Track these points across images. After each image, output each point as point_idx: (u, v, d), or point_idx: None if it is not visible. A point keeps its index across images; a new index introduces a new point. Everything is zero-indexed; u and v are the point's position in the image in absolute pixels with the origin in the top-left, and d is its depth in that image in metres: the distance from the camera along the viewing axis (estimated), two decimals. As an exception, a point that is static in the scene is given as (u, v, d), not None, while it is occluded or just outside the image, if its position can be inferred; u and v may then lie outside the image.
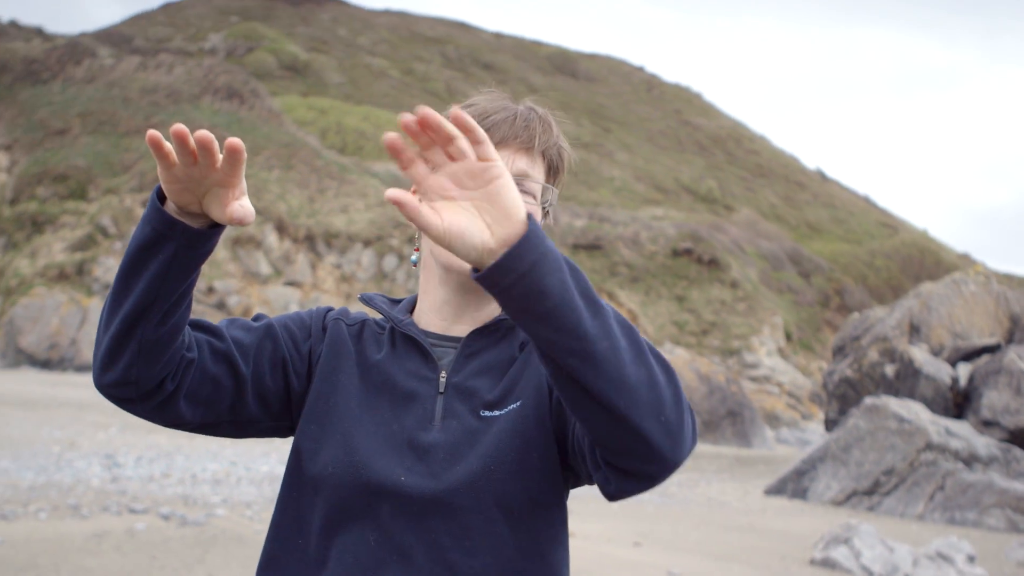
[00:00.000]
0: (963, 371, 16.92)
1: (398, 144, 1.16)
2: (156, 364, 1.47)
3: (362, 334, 1.70)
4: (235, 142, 1.31)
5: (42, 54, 48.22)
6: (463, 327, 1.67)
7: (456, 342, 1.66)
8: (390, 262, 38.69)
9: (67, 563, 6.43)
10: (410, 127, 1.17)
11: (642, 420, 1.26)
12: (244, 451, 14.87)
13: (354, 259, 39.32)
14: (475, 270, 1.22)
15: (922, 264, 59.21)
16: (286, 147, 44.88)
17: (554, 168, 1.69)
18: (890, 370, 17.76)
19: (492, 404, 1.60)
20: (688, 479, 16.56)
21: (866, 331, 19.34)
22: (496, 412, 1.59)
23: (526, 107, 1.68)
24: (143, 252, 1.41)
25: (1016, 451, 14.48)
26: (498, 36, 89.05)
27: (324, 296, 37.53)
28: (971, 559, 8.88)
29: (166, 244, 1.40)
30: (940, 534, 11.40)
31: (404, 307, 1.73)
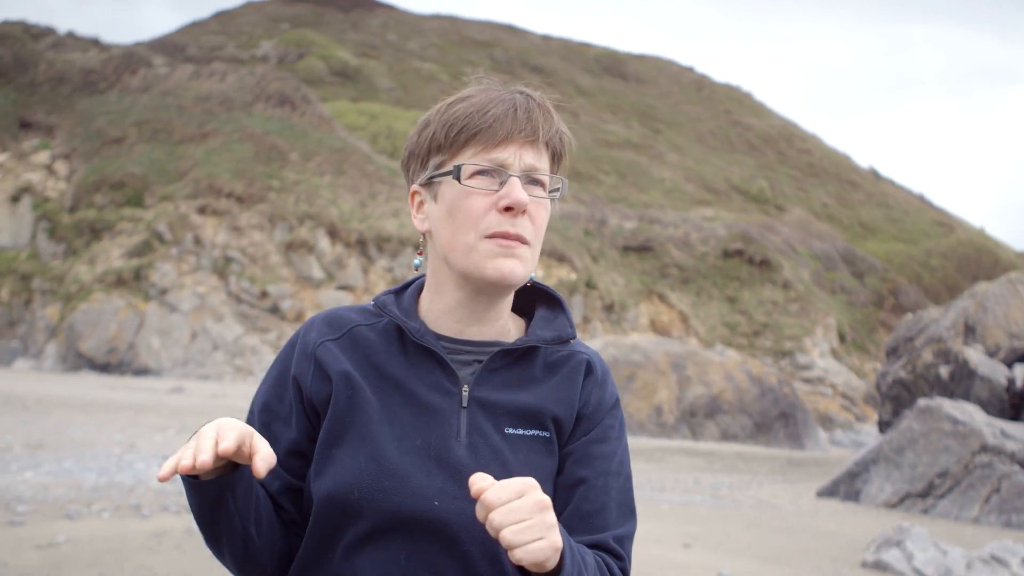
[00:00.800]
0: (1019, 372, 16.69)
1: None
2: (277, 549, 1.60)
3: (359, 342, 1.64)
4: (227, 450, 1.36)
5: (99, 64, 49.19)
6: (476, 329, 1.64)
7: (471, 346, 1.64)
8: (440, 265, 39.00)
9: (129, 561, 6.62)
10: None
11: None
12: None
13: (405, 263, 39.61)
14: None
15: (979, 263, 58.27)
16: (337, 152, 45.35)
17: (558, 156, 1.67)
18: (944, 371, 17.56)
19: (516, 422, 1.60)
20: (739, 481, 16.51)
21: (920, 332, 19.14)
22: (520, 431, 1.59)
23: (523, 95, 1.63)
24: (209, 517, 1.49)
25: (1074, 453, 14.26)
26: (546, 38, 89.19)
27: (375, 300, 37.83)
28: (1026, 562, 8.79)
29: (223, 501, 1.47)
30: (995, 537, 11.28)
31: (411, 303, 1.68)
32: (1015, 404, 16.20)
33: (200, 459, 1.34)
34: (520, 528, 1.35)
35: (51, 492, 9.65)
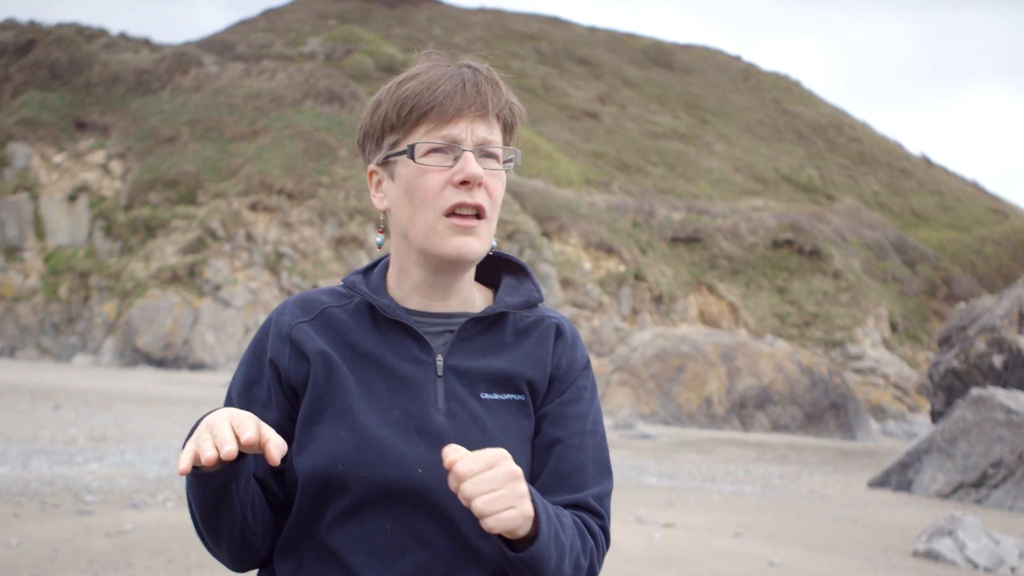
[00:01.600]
0: (1075, 361, 16.48)
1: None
2: (269, 533, 1.64)
3: (332, 323, 1.66)
4: (250, 440, 1.40)
5: (151, 64, 49.96)
6: (443, 302, 1.68)
7: (440, 318, 1.67)
8: (489, 259, 39.13)
9: (195, 548, 6.85)
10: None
11: None
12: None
13: (453, 256, 39.93)
14: (504, 540, 1.49)
15: (1034, 251, 57.28)
16: (385, 148, 45.59)
17: (509, 127, 1.69)
18: (998, 360, 17.40)
19: (491, 387, 1.64)
20: (790, 471, 16.50)
21: (973, 321, 18.96)
22: (496, 396, 1.63)
23: (471, 70, 1.65)
24: (212, 508, 1.53)
25: None
26: (592, 30, 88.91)
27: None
28: (1080, 551, 8.76)
29: (228, 492, 1.51)
30: (1050, 526, 11.21)
31: (379, 281, 1.71)
32: (1071, 393, 16.01)
33: (225, 449, 1.37)
34: (491, 498, 1.41)
35: (116, 483, 9.96)
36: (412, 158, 1.60)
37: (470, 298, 1.72)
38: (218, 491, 1.50)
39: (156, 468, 11.26)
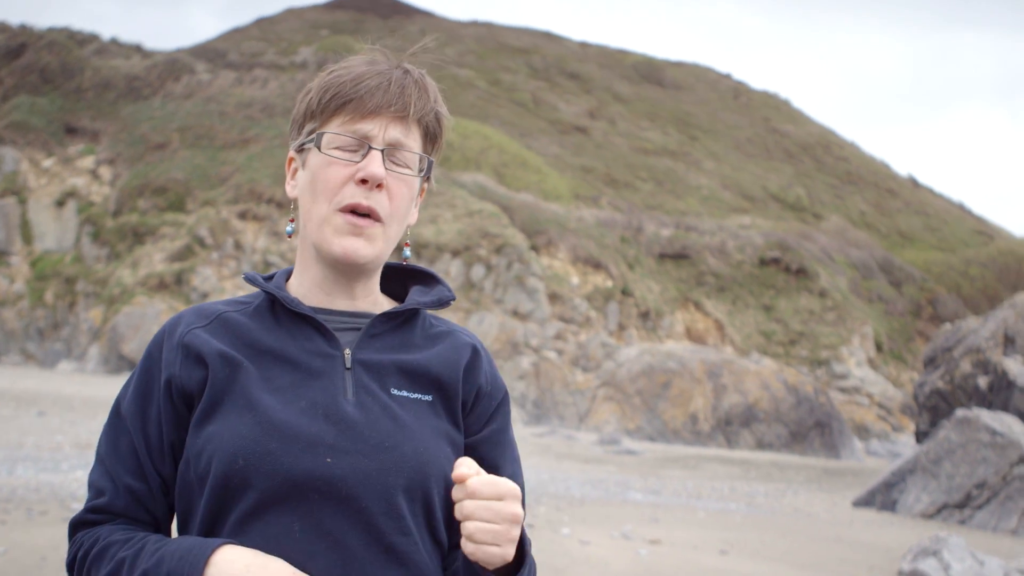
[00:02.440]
0: (1059, 384, 16.59)
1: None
2: None
3: (229, 326, 1.58)
4: None
5: (143, 71, 49.90)
6: (346, 302, 1.62)
7: (345, 316, 1.61)
8: (478, 272, 39.16)
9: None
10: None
11: None
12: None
13: (442, 269, 39.88)
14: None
15: (1019, 273, 57.62)
16: (375, 158, 45.61)
17: (431, 135, 1.63)
18: (983, 382, 17.50)
19: (401, 383, 1.57)
20: (775, 489, 16.55)
21: (959, 342, 19.07)
22: (405, 393, 1.57)
23: (401, 71, 1.60)
24: None
25: (1114, 466, 14.18)
26: (584, 45, 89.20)
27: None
28: (1063, 573, 8.82)
29: None
30: (1033, 548, 11.27)
31: (280, 281, 1.65)
32: (1054, 416, 16.12)
33: None
34: (486, 528, 1.39)
35: (103, 491, 9.92)
36: (319, 147, 1.56)
37: (375, 301, 1.67)
38: None
39: (142, 476, 11.22)
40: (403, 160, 1.59)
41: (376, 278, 1.66)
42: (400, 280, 1.75)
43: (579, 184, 54.00)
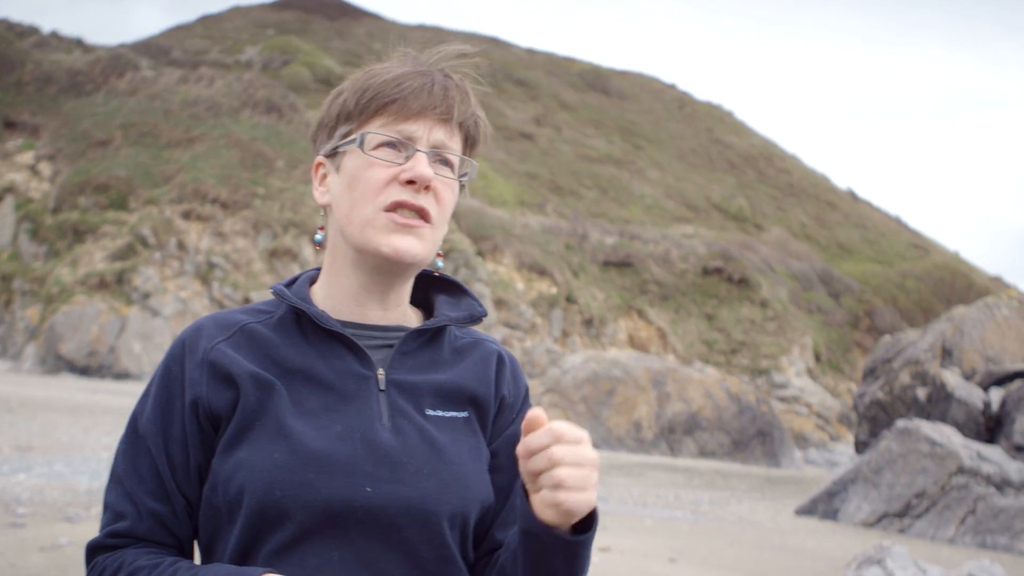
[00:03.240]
0: (995, 396, 17.01)
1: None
2: None
3: (254, 339, 1.52)
4: None
5: (85, 66, 49.07)
6: (379, 313, 1.57)
7: (377, 331, 1.56)
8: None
9: (136, 565, 6.73)
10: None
11: None
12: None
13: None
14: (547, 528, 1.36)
15: (953, 286, 58.94)
16: (321, 160, 45.32)
17: (471, 139, 1.60)
18: (922, 393, 17.87)
19: (436, 403, 1.54)
20: (719, 497, 16.74)
21: (898, 354, 19.46)
22: (440, 412, 1.54)
23: (442, 75, 1.57)
24: None
25: (1047, 477, 14.56)
26: (530, 52, 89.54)
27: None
28: (1002, 582, 9.03)
29: None
30: (971, 557, 11.54)
31: (303, 292, 1.58)
32: (991, 427, 16.52)
33: None
34: (576, 474, 1.30)
35: (47, 495, 9.75)
36: (361, 147, 1.51)
37: (405, 313, 1.62)
38: None
39: (87, 480, 11.04)
40: (447, 163, 1.56)
41: (410, 285, 1.61)
42: (422, 289, 1.70)
43: (524, 190, 54.16)
